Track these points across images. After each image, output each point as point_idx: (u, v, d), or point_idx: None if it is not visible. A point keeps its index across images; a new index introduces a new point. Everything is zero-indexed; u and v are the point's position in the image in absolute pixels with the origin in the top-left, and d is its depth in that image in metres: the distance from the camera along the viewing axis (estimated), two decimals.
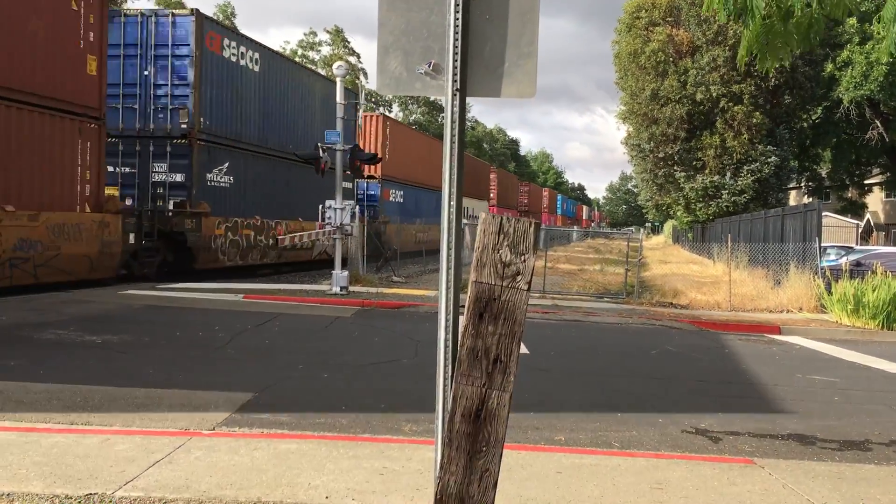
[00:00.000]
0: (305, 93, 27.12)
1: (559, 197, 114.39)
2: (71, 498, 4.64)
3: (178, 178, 20.79)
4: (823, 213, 22.06)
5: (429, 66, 4.00)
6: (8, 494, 4.64)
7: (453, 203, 3.93)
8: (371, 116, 34.96)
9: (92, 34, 17.53)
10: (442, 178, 3.97)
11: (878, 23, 5.59)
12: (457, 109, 3.94)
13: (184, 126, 20.52)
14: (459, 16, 3.91)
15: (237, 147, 22.98)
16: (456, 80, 3.94)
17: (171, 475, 5.11)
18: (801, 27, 5.58)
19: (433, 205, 41.78)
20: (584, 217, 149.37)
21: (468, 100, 4.08)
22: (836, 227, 43.98)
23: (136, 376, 8.45)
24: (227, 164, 22.27)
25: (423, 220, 40.60)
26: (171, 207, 20.56)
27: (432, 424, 4.08)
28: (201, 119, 20.95)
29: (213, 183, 21.68)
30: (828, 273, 18.28)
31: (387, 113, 72.16)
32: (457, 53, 3.93)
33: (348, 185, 27.83)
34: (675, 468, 5.87)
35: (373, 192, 33.68)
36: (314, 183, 23.72)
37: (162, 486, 4.89)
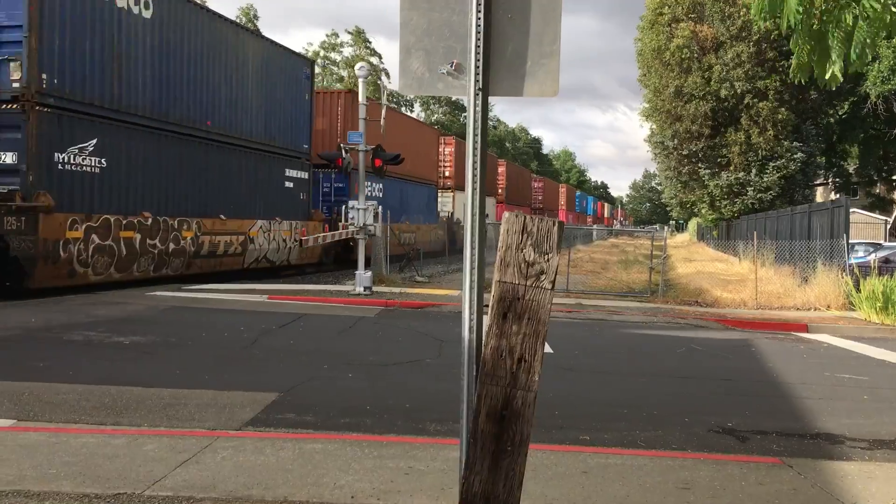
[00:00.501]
0: (231, 55, 21.45)
1: (578, 194, 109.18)
2: (100, 497, 4.70)
3: (8, 158, 15.14)
4: (851, 210, 21.82)
5: (451, 66, 4.00)
6: (38, 494, 4.71)
7: (477, 204, 3.93)
8: (334, 93, 29.54)
9: None
10: (465, 179, 3.97)
11: None
12: (479, 109, 3.93)
13: (15, 85, 15.01)
14: (482, 15, 3.91)
15: (114, 119, 17.19)
16: (478, 80, 3.93)
17: (198, 475, 5.15)
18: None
19: (423, 201, 37.08)
20: (605, 215, 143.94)
21: (490, 99, 4.08)
22: (864, 224, 43.42)
23: (163, 377, 8.54)
24: (93, 142, 16.54)
25: (411, 217, 35.12)
26: None
27: (457, 424, 4.08)
28: (43, 76, 15.21)
29: (68, 167, 15.89)
30: (856, 270, 18.05)
31: (410, 114, 72.20)
32: (479, 53, 3.92)
33: (303, 174, 25.22)
34: (701, 467, 5.83)
35: (340, 185, 27.77)
36: (245, 171, 21.83)
37: (189, 486, 4.93)
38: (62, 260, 15.53)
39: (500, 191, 55.96)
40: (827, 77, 5.13)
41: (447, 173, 44.58)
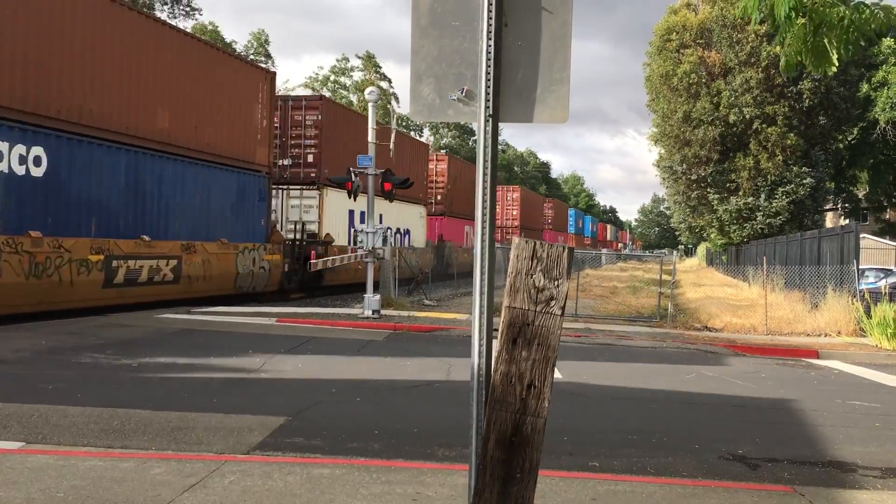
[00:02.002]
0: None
1: (572, 212, 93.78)
2: None
3: None
4: (861, 235, 21.74)
5: (461, 93, 4.03)
6: None
7: (486, 229, 3.94)
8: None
9: None
10: (475, 204, 3.98)
11: None
12: (489, 136, 3.96)
13: None
14: (492, 43, 3.94)
15: None
16: (488, 107, 3.96)
17: (205, 499, 5.13)
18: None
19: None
20: (608, 237, 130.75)
21: (499, 124, 4.10)
22: (875, 250, 43.20)
23: (172, 400, 8.53)
24: None
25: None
26: None
27: (466, 449, 4.06)
28: None
29: None
30: (866, 296, 17.95)
31: (420, 138, 72.53)
32: (489, 80, 3.95)
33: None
34: (712, 495, 5.77)
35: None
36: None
37: None
38: None
39: (438, 198, 42.50)
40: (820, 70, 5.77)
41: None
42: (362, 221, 26.17)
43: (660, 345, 15.75)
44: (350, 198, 19.91)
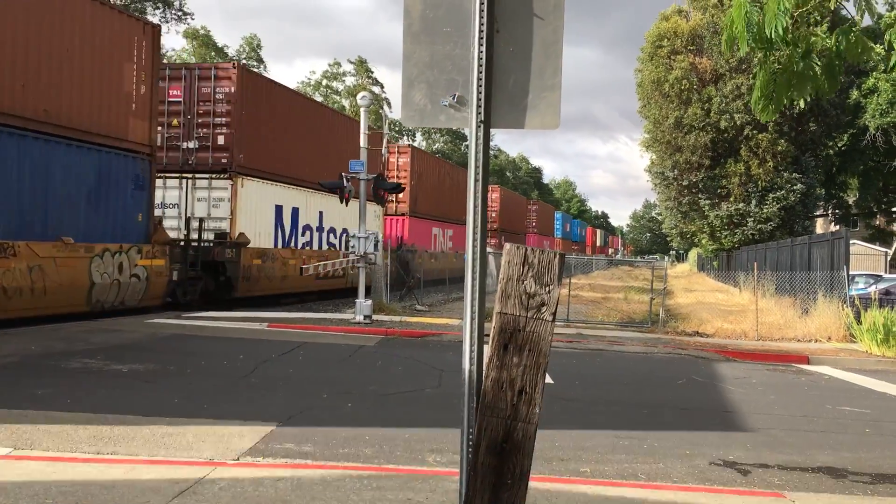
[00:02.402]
0: None
1: (558, 215, 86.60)
2: None
3: None
4: (851, 241, 21.85)
5: (453, 99, 4.03)
6: None
7: (478, 235, 3.94)
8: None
9: None
10: (466, 210, 3.98)
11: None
12: (481, 142, 3.96)
13: None
14: (484, 49, 3.95)
15: None
16: (480, 113, 3.96)
17: None
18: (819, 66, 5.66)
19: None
20: (597, 242, 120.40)
21: (491, 130, 4.10)
22: (865, 255, 43.46)
23: (162, 405, 8.50)
24: None
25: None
26: None
27: (456, 455, 4.06)
28: None
29: None
30: (856, 302, 18.03)
31: (408, 141, 72.52)
32: (481, 86, 3.96)
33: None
34: (703, 501, 5.78)
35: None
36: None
37: None
38: None
39: (400, 195, 37.49)
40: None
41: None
42: (295, 220, 24.14)
43: (651, 350, 15.78)
44: (342, 203, 19.82)
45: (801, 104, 5.70)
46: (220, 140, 21.39)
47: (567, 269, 34.60)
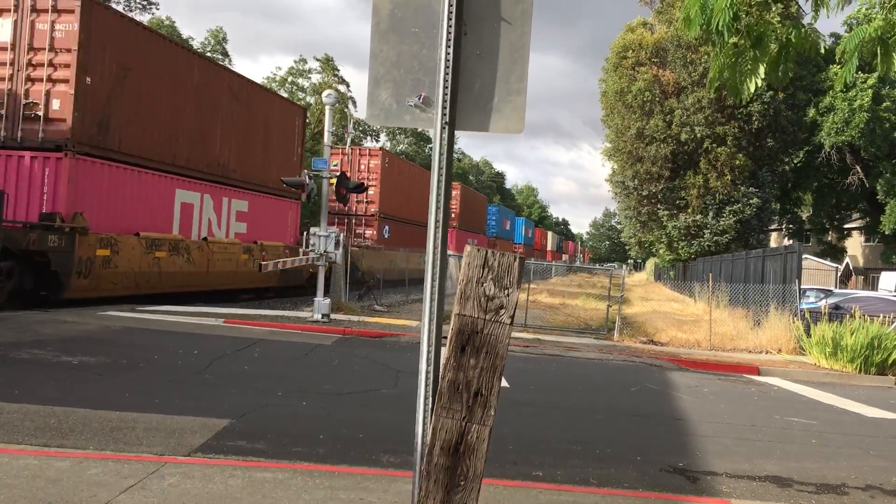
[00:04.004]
0: None
1: (495, 207, 72.42)
2: None
3: None
4: (803, 256, 22.30)
5: (419, 99, 4.03)
6: None
7: (439, 235, 3.95)
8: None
9: None
10: (428, 210, 3.98)
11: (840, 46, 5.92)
12: (445, 143, 3.97)
13: None
14: (451, 51, 3.96)
15: None
16: (445, 114, 3.97)
17: (143, 501, 5.03)
18: (770, 55, 5.84)
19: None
20: (548, 248, 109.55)
21: (455, 132, 4.11)
22: (816, 270, 44.37)
23: (112, 399, 8.35)
24: None
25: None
26: None
27: (411, 456, 4.05)
28: None
29: None
30: (807, 315, 18.41)
31: (376, 144, 72.27)
32: (447, 87, 3.97)
33: None
34: None
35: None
36: None
37: None
38: None
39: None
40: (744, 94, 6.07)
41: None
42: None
43: (606, 357, 15.93)
44: (305, 200, 19.70)
45: (752, 89, 5.89)
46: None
47: (526, 274, 34.79)
